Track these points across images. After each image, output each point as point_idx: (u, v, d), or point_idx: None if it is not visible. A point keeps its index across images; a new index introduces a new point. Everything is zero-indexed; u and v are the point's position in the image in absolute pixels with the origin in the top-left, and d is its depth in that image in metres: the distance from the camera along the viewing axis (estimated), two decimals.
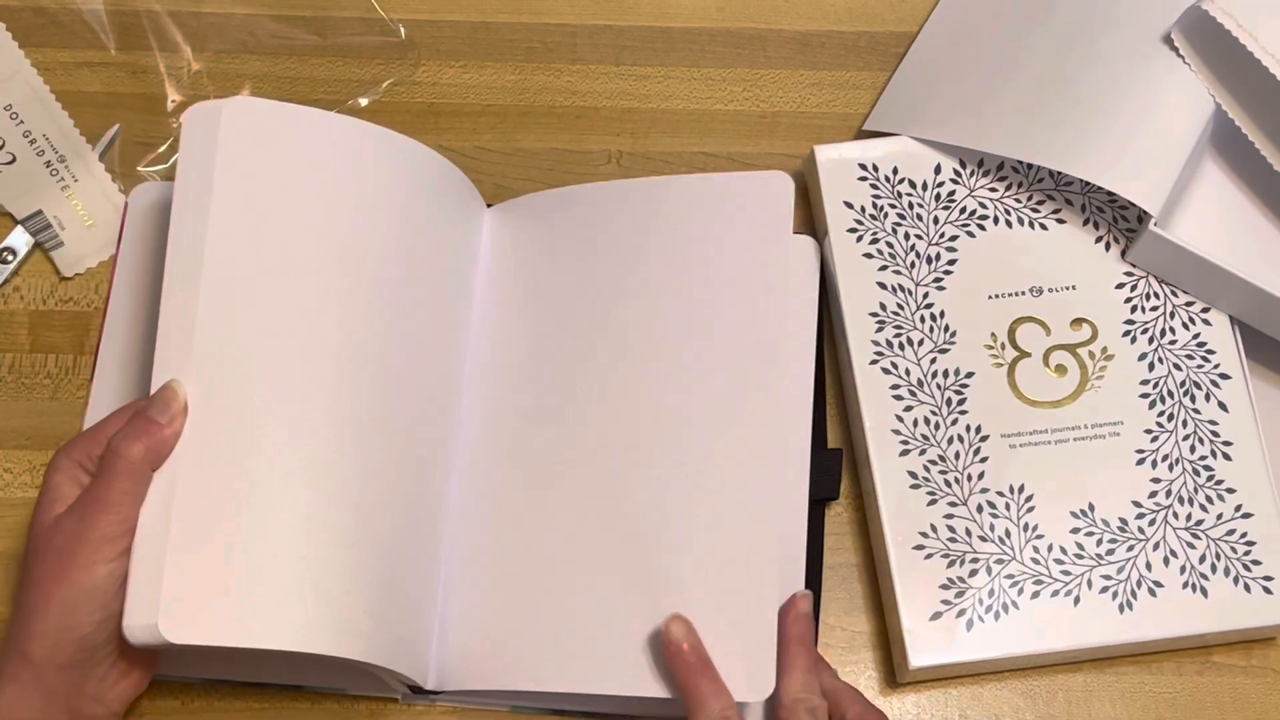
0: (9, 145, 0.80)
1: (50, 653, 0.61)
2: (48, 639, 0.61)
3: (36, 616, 0.61)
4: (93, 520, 0.61)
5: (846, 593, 0.73)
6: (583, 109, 0.84)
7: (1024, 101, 0.77)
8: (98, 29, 0.84)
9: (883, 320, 0.75)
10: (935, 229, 0.77)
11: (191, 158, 0.67)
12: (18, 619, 0.62)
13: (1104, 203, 0.78)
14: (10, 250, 0.79)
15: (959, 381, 0.74)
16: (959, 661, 0.69)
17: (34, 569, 0.62)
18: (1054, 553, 0.71)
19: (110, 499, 0.61)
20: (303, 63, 0.84)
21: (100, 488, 0.61)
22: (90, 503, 0.61)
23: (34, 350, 0.77)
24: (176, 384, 0.64)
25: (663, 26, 0.86)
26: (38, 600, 0.61)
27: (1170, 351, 0.75)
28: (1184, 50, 0.75)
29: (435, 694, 0.69)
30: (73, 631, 0.61)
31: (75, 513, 0.62)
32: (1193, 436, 0.73)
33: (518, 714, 0.71)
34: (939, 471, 0.72)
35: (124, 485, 0.61)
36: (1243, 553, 0.71)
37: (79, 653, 0.61)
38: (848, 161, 0.78)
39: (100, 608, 0.61)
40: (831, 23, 0.87)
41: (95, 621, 0.61)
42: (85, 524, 0.61)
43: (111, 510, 0.61)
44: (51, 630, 0.60)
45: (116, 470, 0.61)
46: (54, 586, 0.60)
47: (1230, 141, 0.77)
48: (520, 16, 0.86)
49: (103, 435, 0.64)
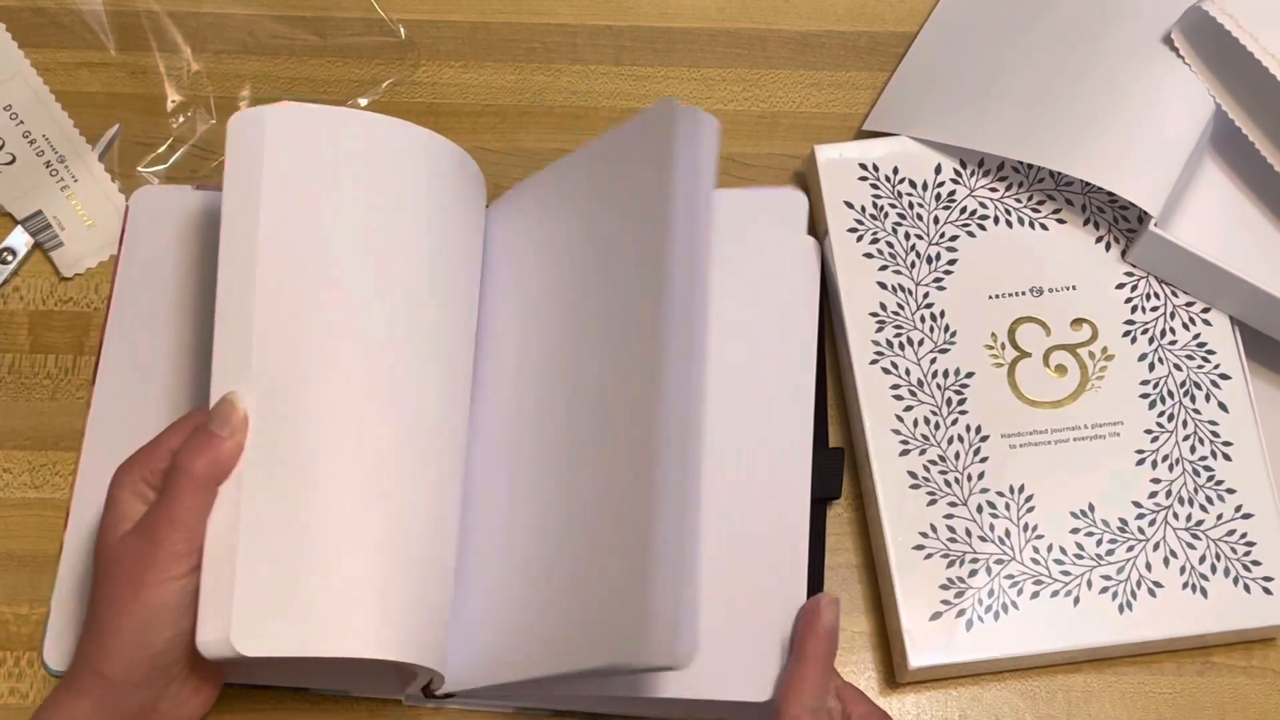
0: (9, 145, 0.80)
1: (125, 671, 0.61)
2: (122, 657, 0.61)
3: (110, 635, 0.61)
4: (162, 538, 0.61)
5: (846, 593, 0.73)
6: (583, 109, 0.84)
7: (1024, 101, 0.77)
8: (97, 29, 0.84)
9: (883, 320, 0.75)
10: (935, 229, 0.77)
11: (238, 166, 0.67)
12: (91, 637, 0.62)
13: (1104, 203, 0.78)
14: (10, 250, 0.79)
15: (959, 381, 0.74)
16: (959, 662, 0.69)
17: (105, 588, 0.62)
18: (1054, 553, 0.71)
19: (177, 516, 0.61)
20: (303, 63, 0.84)
21: (167, 505, 0.61)
22: (158, 521, 0.61)
23: (34, 350, 0.77)
24: (235, 396, 0.63)
25: (663, 27, 0.86)
26: (110, 620, 0.61)
27: (1170, 352, 0.75)
28: (1184, 50, 0.75)
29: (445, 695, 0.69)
30: (146, 649, 0.61)
31: (143, 531, 0.62)
32: (1193, 437, 0.73)
33: (520, 714, 0.71)
34: (939, 471, 0.72)
35: (189, 501, 0.61)
36: (1243, 553, 0.71)
37: (152, 671, 0.62)
38: (848, 161, 0.78)
39: (172, 624, 0.61)
40: (831, 23, 0.87)
41: (167, 639, 0.61)
42: (154, 542, 0.61)
43: (179, 527, 0.61)
44: (125, 648, 0.61)
45: (181, 487, 0.61)
46: (126, 605, 0.61)
47: (1230, 141, 0.77)
48: (520, 16, 0.86)
49: (163, 449, 0.64)
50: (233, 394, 0.63)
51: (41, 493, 0.74)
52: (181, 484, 0.61)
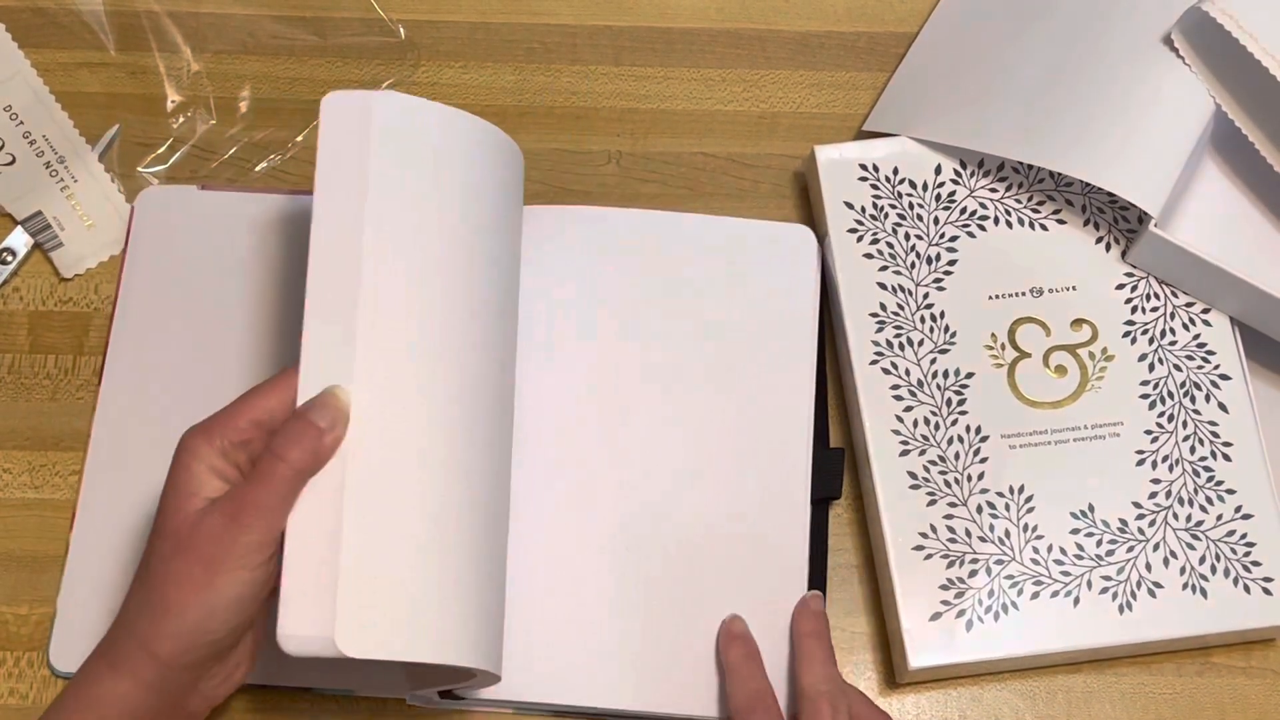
0: (9, 146, 0.80)
1: (180, 654, 0.59)
2: (181, 640, 0.59)
3: (172, 617, 0.58)
4: (247, 523, 0.58)
5: (846, 593, 0.73)
6: (583, 109, 0.84)
7: (1024, 102, 0.77)
8: (97, 29, 0.84)
9: (883, 320, 0.75)
10: (935, 229, 0.77)
11: (337, 149, 0.64)
12: (146, 614, 0.59)
13: (1104, 203, 0.77)
14: (10, 251, 0.79)
15: (959, 382, 0.74)
16: (958, 662, 0.69)
17: (174, 565, 0.59)
18: (1054, 553, 0.71)
19: (267, 504, 0.59)
20: (302, 63, 0.84)
21: (256, 491, 0.59)
22: (245, 507, 0.58)
23: (33, 351, 0.77)
24: (341, 390, 0.61)
25: (663, 27, 0.86)
26: (175, 601, 0.58)
27: (1170, 352, 0.75)
28: (1184, 50, 0.75)
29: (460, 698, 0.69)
30: (207, 635, 0.59)
31: (226, 513, 0.59)
32: (1193, 437, 0.73)
33: (520, 714, 0.71)
34: (939, 472, 0.72)
35: (282, 490, 0.59)
36: (1242, 554, 0.71)
37: (207, 656, 0.60)
38: (848, 162, 0.78)
39: (237, 614, 0.59)
40: (831, 23, 0.87)
41: (230, 628, 0.59)
42: (238, 527, 0.58)
43: (265, 515, 0.58)
44: (186, 632, 0.58)
45: (277, 475, 0.59)
46: (198, 590, 0.58)
47: (1230, 141, 0.77)
48: (520, 17, 0.86)
49: (242, 419, 0.61)
50: (338, 388, 0.61)
51: (41, 493, 0.74)
52: (278, 472, 0.59)
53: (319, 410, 0.60)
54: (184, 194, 0.79)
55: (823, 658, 0.67)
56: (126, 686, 0.59)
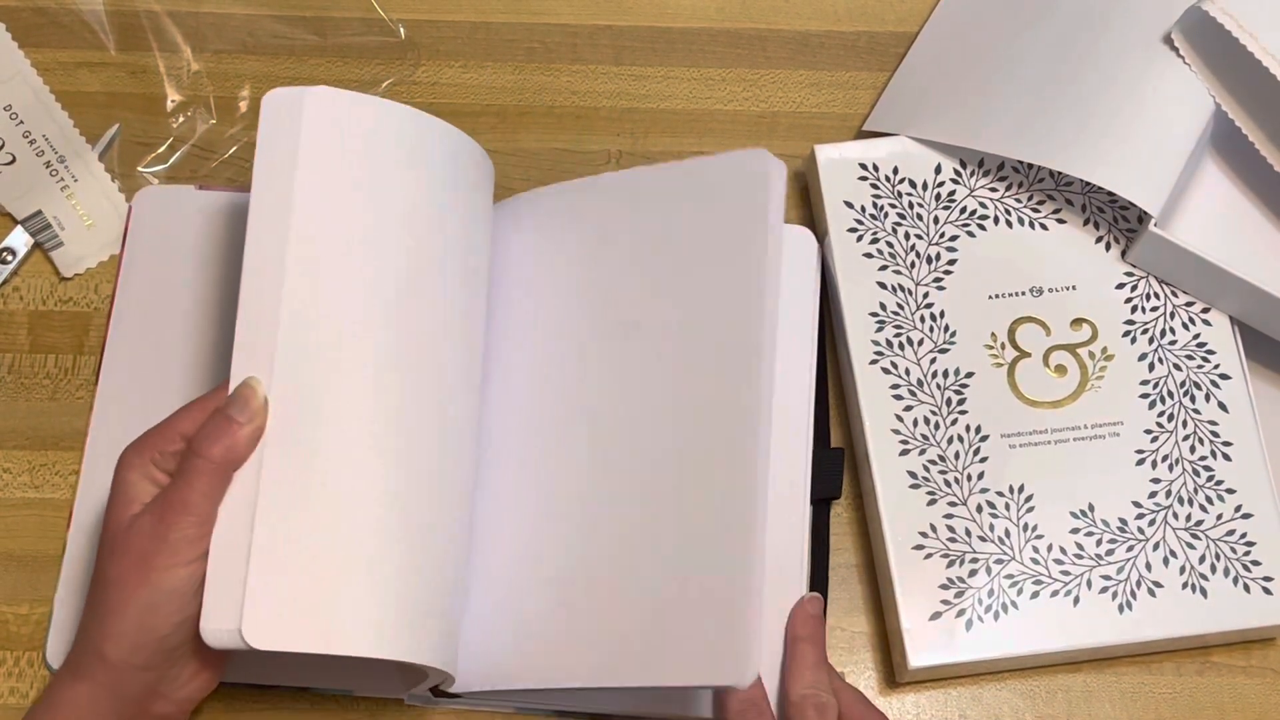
0: (9, 146, 0.80)
1: (128, 654, 0.60)
2: (125, 640, 0.60)
3: (115, 617, 0.60)
4: (173, 521, 0.60)
5: (846, 593, 0.73)
6: (583, 109, 0.84)
7: (1024, 101, 0.77)
8: (97, 29, 0.84)
9: (883, 320, 0.75)
10: (935, 229, 0.77)
11: (272, 144, 0.65)
12: (94, 619, 0.61)
13: (1104, 203, 0.78)
14: (10, 250, 0.79)
15: (959, 381, 0.74)
16: (958, 661, 0.69)
17: (111, 569, 0.60)
18: (1054, 553, 0.71)
19: (191, 500, 0.60)
20: (302, 63, 0.84)
21: (180, 489, 0.60)
22: (170, 504, 0.60)
23: (33, 350, 0.77)
24: (256, 382, 0.62)
25: (662, 26, 0.86)
26: (116, 601, 0.60)
27: (1170, 352, 0.75)
28: (1184, 50, 0.75)
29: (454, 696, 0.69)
30: (151, 633, 0.60)
31: (154, 513, 0.60)
32: (1193, 437, 0.73)
33: (521, 714, 0.71)
34: (939, 471, 0.72)
35: (204, 486, 0.60)
36: (1242, 553, 0.71)
37: (156, 654, 0.61)
38: (848, 161, 0.78)
39: (179, 610, 0.60)
40: (831, 23, 0.87)
41: (174, 624, 0.60)
42: (165, 524, 0.60)
43: (192, 511, 0.60)
44: (130, 631, 0.60)
45: (197, 470, 0.60)
46: (134, 589, 0.60)
47: (1230, 141, 0.77)
48: (520, 16, 0.86)
49: (174, 431, 0.63)
50: (254, 379, 0.62)
51: (41, 493, 0.74)
52: (197, 468, 0.60)
53: (235, 404, 0.62)
54: (181, 194, 0.79)
55: (813, 662, 0.66)
56: (84, 690, 0.61)
